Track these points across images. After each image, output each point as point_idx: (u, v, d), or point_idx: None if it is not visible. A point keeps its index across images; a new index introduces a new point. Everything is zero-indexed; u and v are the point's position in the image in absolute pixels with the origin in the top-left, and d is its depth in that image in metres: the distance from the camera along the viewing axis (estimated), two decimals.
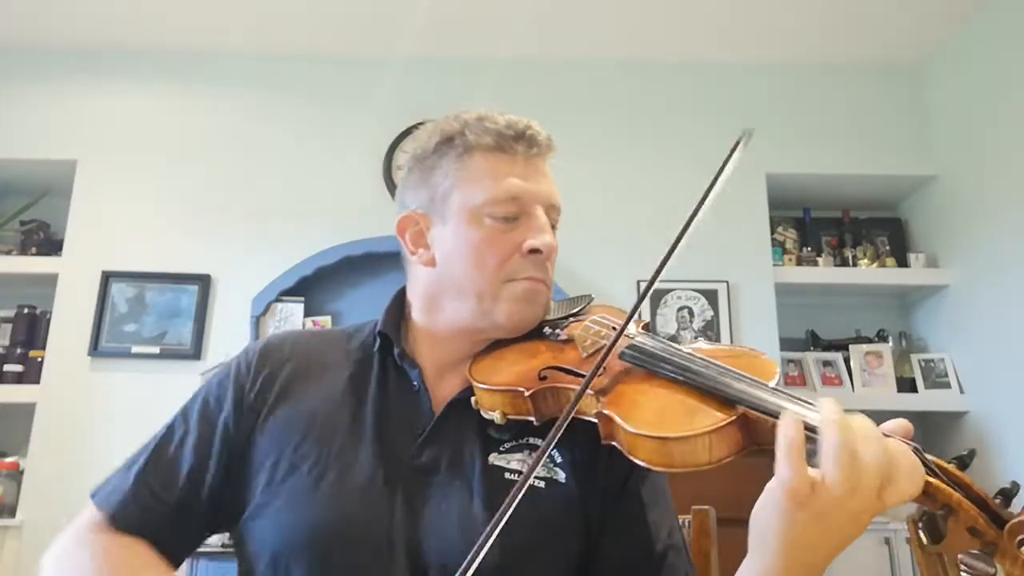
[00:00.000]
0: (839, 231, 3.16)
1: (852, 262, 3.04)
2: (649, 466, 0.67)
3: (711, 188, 0.76)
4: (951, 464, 0.59)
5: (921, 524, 0.57)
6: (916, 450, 0.59)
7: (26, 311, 2.87)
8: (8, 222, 2.98)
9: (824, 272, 2.99)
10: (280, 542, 0.79)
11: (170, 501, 0.84)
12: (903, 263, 3.02)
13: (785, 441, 0.58)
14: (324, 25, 2.94)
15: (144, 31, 2.97)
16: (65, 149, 2.95)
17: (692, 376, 0.70)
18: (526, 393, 0.78)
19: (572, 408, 0.70)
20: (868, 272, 3.00)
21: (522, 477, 0.67)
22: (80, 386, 2.70)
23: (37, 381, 2.71)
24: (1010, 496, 0.56)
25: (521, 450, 0.83)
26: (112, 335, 2.75)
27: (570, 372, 0.79)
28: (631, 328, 0.81)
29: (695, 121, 3.07)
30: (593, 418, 0.73)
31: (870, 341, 3.00)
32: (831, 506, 0.57)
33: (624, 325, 0.75)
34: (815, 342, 3.06)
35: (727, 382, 0.68)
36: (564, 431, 0.70)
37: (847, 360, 2.93)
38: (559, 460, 0.83)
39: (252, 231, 2.90)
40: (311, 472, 0.81)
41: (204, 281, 2.83)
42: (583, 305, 0.94)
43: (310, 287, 2.81)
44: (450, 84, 3.06)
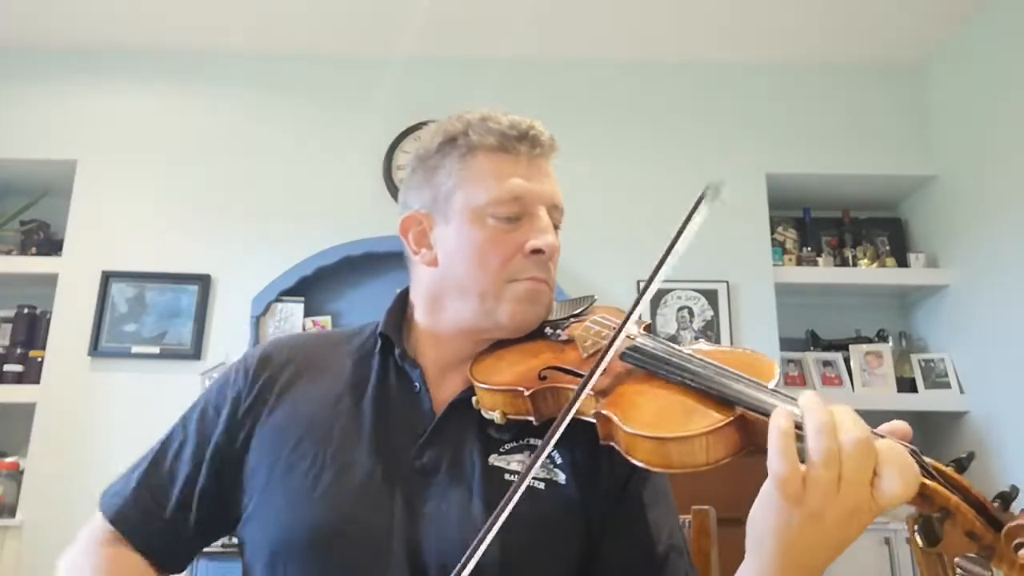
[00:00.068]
0: (839, 231, 3.16)
1: (852, 262, 3.04)
2: (647, 467, 0.67)
3: (674, 243, 0.75)
4: (949, 467, 0.59)
5: (917, 527, 0.57)
6: (913, 452, 0.58)
7: (26, 311, 2.87)
8: (8, 222, 2.98)
9: (824, 272, 2.99)
10: (278, 542, 0.79)
11: (167, 507, 0.85)
12: (903, 263, 3.03)
13: (776, 431, 0.58)
14: (324, 25, 2.94)
15: (144, 31, 2.97)
16: (65, 149, 2.95)
17: (691, 377, 0.70)
18: (526, 393, 0.78)
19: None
20: (868, 272, 3.00)
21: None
22: (80, 386, 2.70)
23: (37, 381, 2.71)
24: (1009, 500, 0.56)
25: (521, 451, 0.82)
26: (112, 335, 2.75)
27: (570, 372, 0.79)
28: (633, 329, 0.81)
29: (695, 121, 3.07)
30: (592, 418, 0.73)
31: (870, 341, 3.00)
32: (824, 501, 0.57)
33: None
34: (815, 342, 3.06)
35: (726, 383, 0.68)
36: (565, 432, 0.70)
37: (847, 360, 2.93)
38: (559, 461, 0.83)
39: (252, 231, 2.90)
40: (309, 472, 0.81)
41: (204, 281, 2.83)
42: (585, 306, 0.93)
43: (310, 287, 2.81)
44: (450, 84, 3.06)
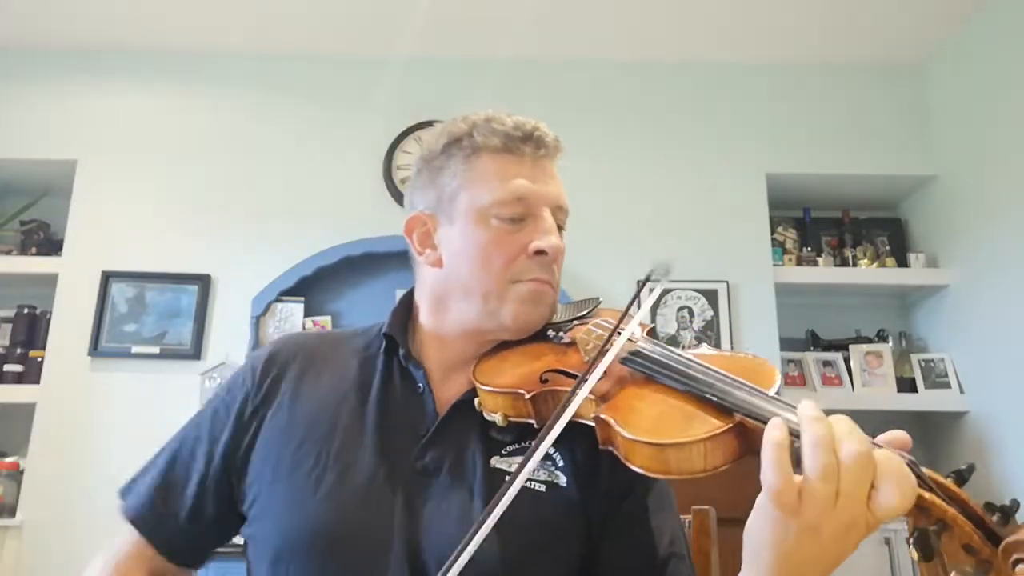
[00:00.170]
0: (839, 231, 3.16)
1: (852, 262, 3.04)
2: (645, 472, 0.67)
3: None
4: (948, 479, 0.58)
5: (912, 539, 0.56)
6: (911, 463, 0.58)
7: (26, 311, 2.87)
8: (8, 222, 2.97)
9: (824, 272, 2.99)
10: (280, 542, 0.79)
11: (183, 508, 0.87)
12: (903, 263, 3.02)
13: (770, 443, 0.57)
14: (324, 25, 2.94)
15: (144, 31, 2.97)
16: (65, 149, 2.95)
17: (691, 383, 0.70)
18: (526, 395, 0.78)
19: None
20: (868, 272, 3.00)
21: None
22: (80, 386, 2.70)
23: (37, 381, 2.71)
24: (1008, 514, 0.55)
25: (522, 454, 0.82)
26: (112, 335, 2.75)
27: (571, 375, 0.78)
28: (636, 332, 0.81)
29: (695, 121, 3.07)
30: (591, 422, 0.73)
31: (870, 341, 3.00)
32: (821, 514, 0.56)
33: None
34: (815, 342, 3.06)
35: (725, 389, 0.67)
36: (565, 434, 0.70)
37: (847, 360, 2.93)
38: (560, 464, 0.83)
39: (252, 231, 2.90)
40: (312, 472, 0.81)
41: (204, 281, 2.83)
42: (590, 308, 0.93)
43: (310, 287, 2.81)
44: (450, 84, 3.07)
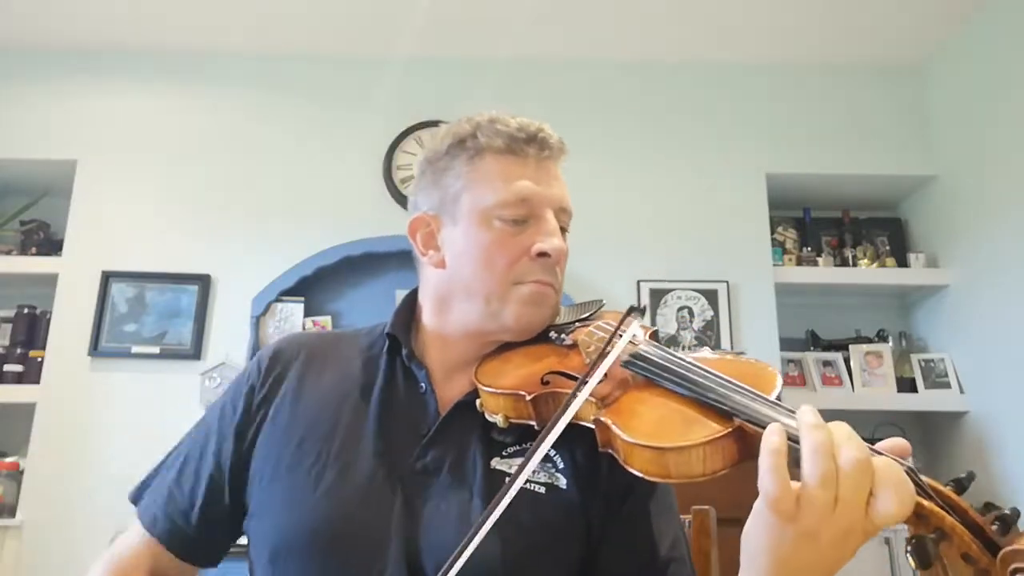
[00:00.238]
0: (839, 231, 3.16)
1: (852, 262, 3.04)
2: (644, 476, 0.67)
3: (598, 360, 0.74)
4: (948, 487, 0.57)
5: (910, 547, 0.55)
6: (910, 471, 0.57)
7: (26, 311, 2.87)
8: (8, 222, 2.97)
9: (824, 272, 2.99)
10: (280, 539, 0.80)
11: (195, 509, 0.88)
12: (903, 263, 3.02)
13: (767, 449, 0.57)
14: (324, 25, 2.94)
15: (144, 31, 2.97)
16: (65, 149, 2.95)
17: (691, 387, 0.70)
18: (528, 397, 0.78)
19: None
20: (868, 272, 3.00)
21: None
22: (80, 386, 2.70)
23: (37, 381, 2.71)
24: (1008, 523, 0.54)
25: (523, 455, 0.82)
26: (112, 335, 2.75)
27: (572, 378, 0.78)
28: (638, 335, 0.81)
29: (695, 121, 3.07)
30: (591, 425, 0.73)
31: (870, 341, 3.00)
32: (819, 521, 0.56)
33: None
34: (815, 342, 3.06)
35: (726, 394, 0.67)
36: (565, 436, 0.70)
37: (847, 360, 2.93)
38: (561, 466, 0.83)
39: (252, 231, 2.90)
40: (312, 470, 0.82)
41: (204, 281, 2.83)
42: (593, 311, 0.93)
43: (310, 287, 2.81)
44: (450, 84, 3.07)
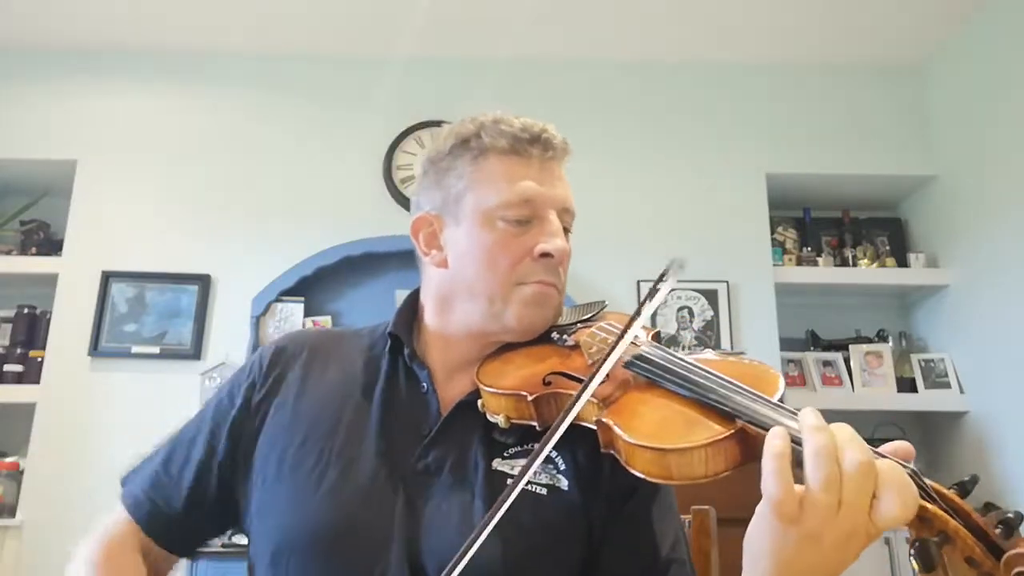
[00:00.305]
0: (839, 231, 3.16)
1: (852, 262, 3.04)
2: (646, 477, 0.67)
3: (635, 317, 0.75)
4: (951, 490, 0.57)
5: (913, 551, 0.55)
6: (913, 473, 0.57)
7: (26, 311, 2.87)
8: (8, 222, 2.97)
9: (824, 272, 2.99)
10: (281, 539, 0.80)
11: (181, 494, 0.88)
12: (903, 263, 3.02)
13: (770, 453, 0.57)
14: (324, 25, 2.94)
15: (144, 31, 2.97)
16: (65, 149, 2.95)
17: (694, 388, 0.70)
18: (529, 398, 0.78)
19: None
20: (868, 272, 3.00)
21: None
22: (80, 386, 2.70)
23: (37, 381, 2.71)
24: (1012, 527, 0.54)
25: (525, 456, 0.82)
26: (112, 335, 2.75)
27: (574, 378, 0.78)
28: (640, 336, 0.81)
29: (695, 121, 3.07)
30: (593, 425, 0.73)
31: (870, 341, 3.00)
32: (822, 523, 0.55)
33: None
34: (815, 342, 3.06)
35: (728, 395, 0.67)
36: (567, 437, 0.70)
37: (847, 360, 2.93)
38: (562, 467, 0.83)
39: (252, 231, 2.90)
40: (314, 469, 0.82)
41: (204, 281, 2.83)
42: (595, 311, 0.93)
43: (310, 287, 2.81)
44: (450, 84, 3.07)
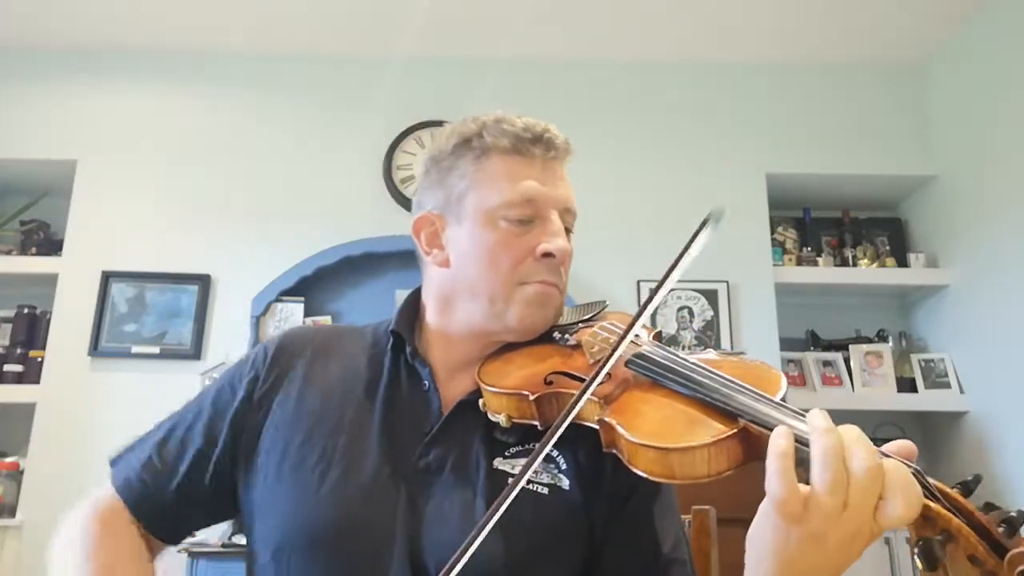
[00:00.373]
0: (839, 231, 3.16)
1: (852, 262, 3.04)
2: (649, 476, 0.67)
3: (675, 266, 0.74)
4: (955, 489, 0.57)
5: (917, 549, 0.55)
6: (917, 473, 0.57)
7: (26, 311, 2.87)
8: (8, 222, 2.98)
9: (824, 272, 2.99)
10: (283, 536, 0.80)
11: (175, 481, 0.86)
12: (903, 263, 3.03)
13: (774, 452, 0.57)
14: (324, 25, 2.94)
15: (144, 31, 2.97)
16: (65, 149, 2.95)
17: (696, 387, 0.70)
18: (531, 397, 0.78)
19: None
20: (868, 272, 3.00)
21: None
22: (80, 386, 2.70)
23: (37, 381, 2.71)
24: (1015, 525, 0.54)
25: (525, 455, 0.82)
26: (112, 335, 2.75)
27: (576, 378, 0.78)
28: (642, 336, 0.81)
29: (695, 121, 3.07)
30: (595, 425, 0.73)
31: (870, 341, 3.00)
32: (826, 524, 0.55)
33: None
34: (815, 342, 3.06)
35: (730, 395, 0.67)
36: (568, 436, 0.70)
37: (847, 360, 2.93)
38: (563, 467, 0.83)
39: (252, 231, 2.90)
40: (316, 467, 0.82)
41: (204, 281, 2.83)
42: (596, 311, 0.93)
43: (310, 287, 2.81)
44: (450, 84, 3.07)
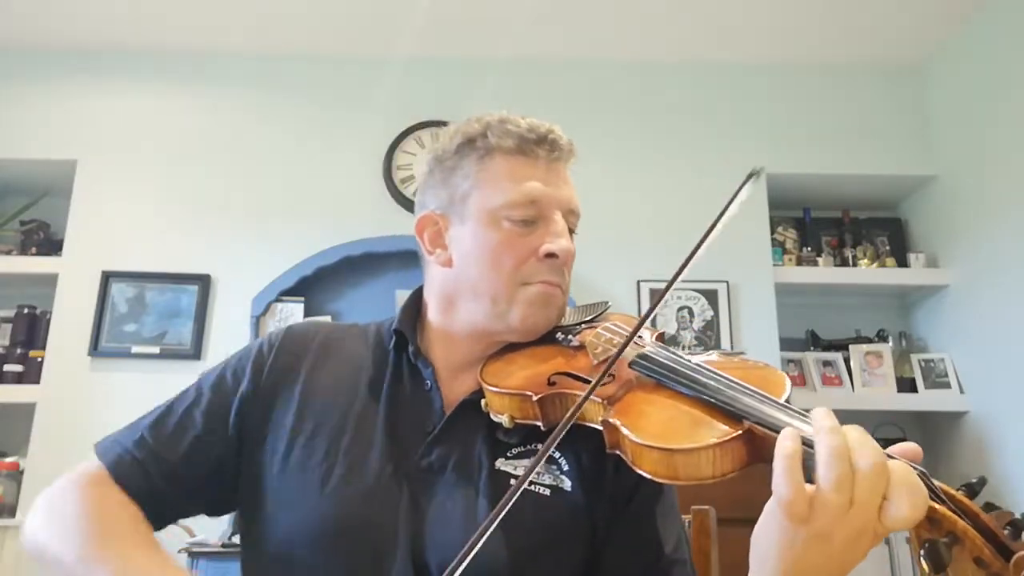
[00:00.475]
0: (839, 231, 3.16)
1: (852, 262, 3.04)
2: (653, 477, 0.67)
3: (716, 222, 0.75)
4: (959, 491, 0.58)
5: (923, 551, 0.56)
6: (923, 475, 0.57)
7: (26, 311, 2.87)
8: (8, 222, 2.97)
9: (824, 272, 2.99)
10: (286, 535, 0.80)
11: (170, 461, 0.84)
12: (903, 263, 3.02)
13: (781, 453, 0.57)
14: (324, 25, 2.94)
15: (144, 31, 2.97)
16: (65, 149, 2.95)
17: (700, 389, 0.70)
18: (534, 398, 0.78)
19: (573, 414, 0.70)
20: (868, 272, 3.00)
21: (519, 479, 0.66)
22: (80, 386, 2.70)
23: (37, 381, 2.71)
24: (1020, 527, 0.55)
25: (528, 456, 0.82)
26: (112, 335, 2.75)
27: (579, 378, 0.78)
28: (645, 337, 0.81)
29: (695, 121, 3.07)
30: (599, 426, 0.73)
31: (870, 341, 3.00)
32: (831, 524, 0.56)
33: (632, 335, 0.75)
34: (815, 342, 3.06)
35: (735, 396, 0.67)
36: (571, 438, 0.70)
37: (847, 360, 2.93)
38: (565, 468, 0.83)
39: (252, 231, 2.90)
40: (320, 466, 0.81)
41: (204, 281, 2.83)
42: (599, 312, 0.93)
43: (310, 287, 2.81)
44: (450, 84, 3.07)
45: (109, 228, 2.88)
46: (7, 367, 2.76)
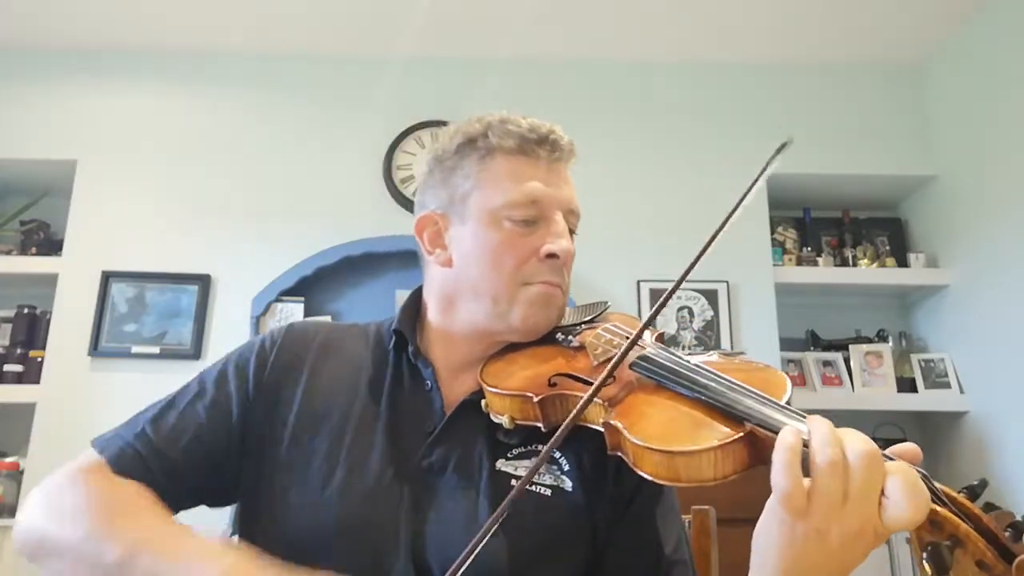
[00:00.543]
0: (839, 231, 3.16)
1: (852, 262, 3.04)
2: (654, 479, 0.67)
3: (743, 200, 0.76)
4: (961, 494, 0.58)
5: (926, 555, 0.56)
6: (924, 477, 0.58)
7: (26, 311, 2.87)
8: (8, 222, 2.97)
9: (824, 272, 2.99)
10: (286, 534, 0.80)
11: (171, 455, 0.83)
12: (903, 263, 3.02)
13: (782, 447, 0.58)
14: (324, 25, 2.94)
15: (144, 31, 2.97)
16: (65, 149, 2.95)
17: (702, 390, 0.70)
18: (535, 399, 0.78)
19: (575, 416, 0.70)
20: (868, 272, 3.00)
21: (521, 480, 0.67)
22: (80, 386, 2.70)
23: (37, 381, 2.71)
24: (1021, 530, 0.55)
25: (528, 457, 0.82)
26: (112, 335, 2.75)
27: (579, 380, 0.78)
28: (646, 338, 0.81)
29: (695, 121, 3.07)
30: (600, 427, 0.73)
31: (870, 341, 3.00)
32: (829, 517, 0.56)
33: (636, 336, 0.74)
34: (815, 342, 3.06)
35: (736, 398, 0.67)
36: (572, 439, 0.70)
37: (847, 360, 2.93)
38: (566, 468, 0.83)
39: (252, 231, 2.90)
40: (322, 467, 0.82)
41: (204, 281, 2.83)
42: (599, 312, 0.93)
43: (310, 287, 2.81)
44: (450, 84, 3.07)
45: (109, 228, 2.88)
46: (7, 367, 2.76)
